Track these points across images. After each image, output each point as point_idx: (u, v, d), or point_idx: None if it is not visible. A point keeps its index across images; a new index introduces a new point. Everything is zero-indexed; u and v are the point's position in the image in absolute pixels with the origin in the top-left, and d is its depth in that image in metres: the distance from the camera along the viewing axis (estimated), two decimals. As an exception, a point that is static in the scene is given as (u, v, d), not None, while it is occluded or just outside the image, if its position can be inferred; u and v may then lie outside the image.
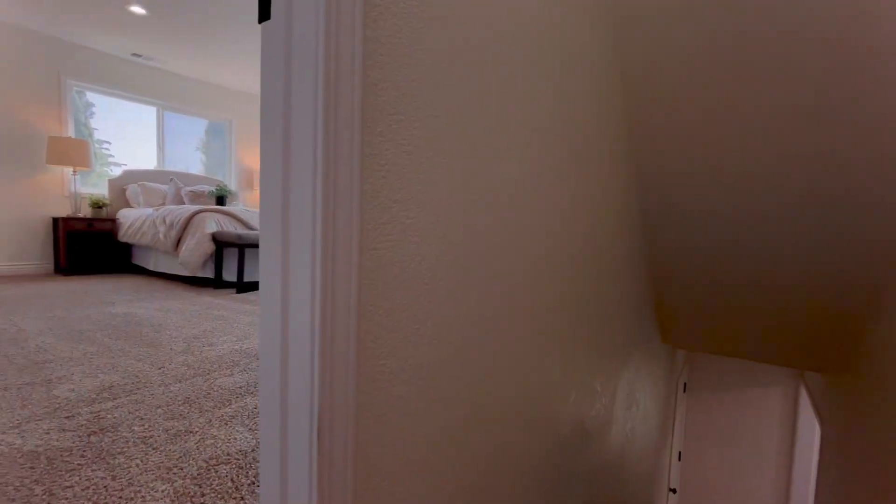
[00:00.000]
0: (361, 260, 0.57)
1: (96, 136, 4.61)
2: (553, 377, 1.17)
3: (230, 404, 1.37)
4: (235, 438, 1.16)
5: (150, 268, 4.16)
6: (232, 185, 5.74)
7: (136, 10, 3.52)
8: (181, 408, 1.33)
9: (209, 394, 1.44)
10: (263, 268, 0.58)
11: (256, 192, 6.04)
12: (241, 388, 1.51)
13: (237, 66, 4.74)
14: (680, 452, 4.18)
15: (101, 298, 3.01)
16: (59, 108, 4.25)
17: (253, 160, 5.95)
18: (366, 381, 0.60)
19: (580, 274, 1.29)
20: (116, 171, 4.77)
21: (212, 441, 1.14)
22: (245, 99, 5.78)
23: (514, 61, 0.84)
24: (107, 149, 4.72)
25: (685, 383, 4.16)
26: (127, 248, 4.47)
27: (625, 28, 1.40)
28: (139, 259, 4.38)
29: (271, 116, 0.53)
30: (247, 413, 1.31)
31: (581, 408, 1.39)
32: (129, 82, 4.69)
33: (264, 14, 0.52)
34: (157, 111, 5.02)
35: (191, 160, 5.45)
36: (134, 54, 4.50)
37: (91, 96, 4.55)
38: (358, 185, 0.53)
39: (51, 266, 4.26)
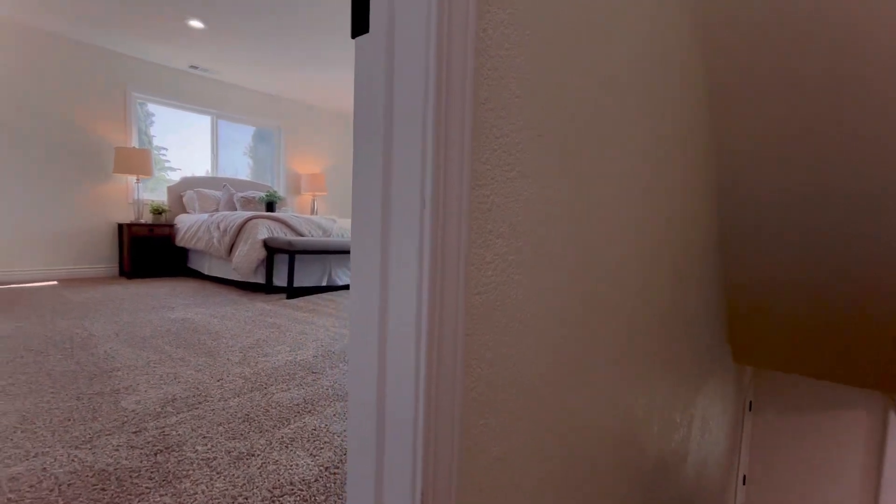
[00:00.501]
0: (468, 305, 0.49)
1: (155, 142, 4.84)
2: (638, 413, 1.06)
3: (289, 423, 1.34)
4: (297, 465, 1.12)
5: (205, 272, 4.31)
6: (280, 189, 5.89)
7: (195, 23, 3.65)
8: (241, 426, 1.31)
9: (268, 411, 1.42)
10: (357, 313, 0.51)
11: (304, 197, 6.17)
12: (298, 405, 1.48)
13: (285, 74, 4.84)
14: (745, 476, 3.88)
15: (162, 303, 3.12)
16: (125, 119, 4.49)
17: (300, 165, 6.09)
18: (469, 439, 0.52)
19: (665, 294, 1.17)
20: (173, 176, 4.99)
21: (274, 467, 1.10)
22: (292, 106, 5.91)
23: (614, 72, 0.74)
24: (164, 154, 4.94)
25: (751, 402, 3.86)
26: (183, 252, 4.66)
27: (715, 29, 1.27)
28: (194, 263, 4.55)
29: (368, 134, 0.46)
30: (306, 435, 1.27)
31: (662, 441, 1.27)
32: (186, 93, 4.90)
33: (360, 27, 0.45)
34: (212, 119, 5.22)
35: (239, 165, 5.63)
36: (192, 66, 4.70)
37: (151, 106, 4.78)
38: (467, 217, 0.46)
39: (116, 269, 4.50)
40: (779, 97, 1.36)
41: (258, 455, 1.16)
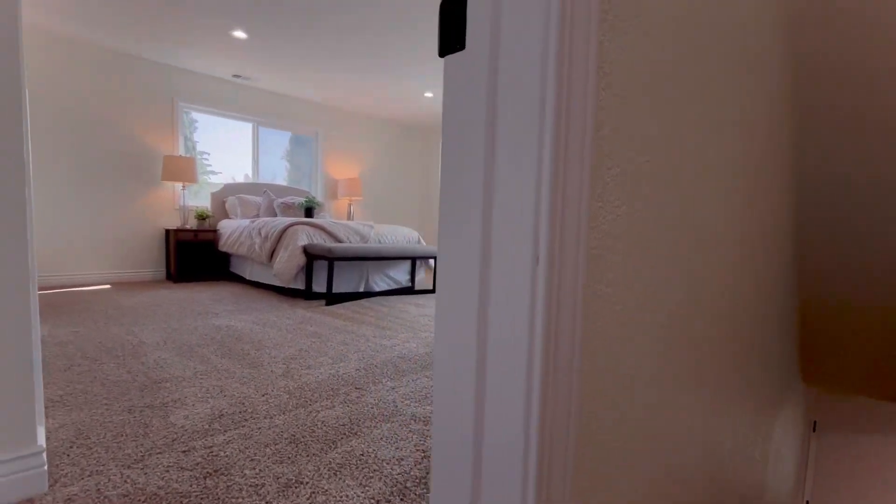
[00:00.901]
0: (584, 364, 0.41)
1: (198, 147, 4.98)
2: (725, 443, 0.95)
3: (336, 447, 1.29)
4: (347, 496, 1.07)
5: (246, 276, 4.40)
6: (317, 194, 5.97)
7: (239, 34, 3.73)
8: (288, 448, 1.28)
9: (313, 431, 1.38)
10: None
11: (340, 201, 6.23)
12: (343, 425, 1.43)
13: (324, 81, 4.89)
14: (808, 501, 3.60)
15: (206, 308, 3.18)
16: (172, 128, 4.64)
17: (336, 170, 6.15)
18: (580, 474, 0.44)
19: (749, 315, 1.05)
20: (214, 179, 5.12)
21: (323, 498, 1.06)
22: (329, 111, 5.98)
23: (714, 82, 0.64)
24: (206, 159, 5.08)
25: (815, 422, 3.58)
26: (226, 257, 4.77)
27: (803, 25, 1.13)
28: (236, 267, 4.65)
29: (462, 159, 0.40)
30: (354, 461, 1.22)
31: (741, 473, 1.14)
32: (229, 101, 5.03)
33: (454, 44, 0.38)
34: (253, 126, 5.34)
35: (277, 169, 5.73)
36: (234, 75, 4.81)
37: (195, 114, 4.93)
38: (584, 271, 0.38)
39: (163, 273, 4.67)
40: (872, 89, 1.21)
41: (307, 483, 1.11)
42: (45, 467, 1.06)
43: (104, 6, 3.33)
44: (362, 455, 1.26)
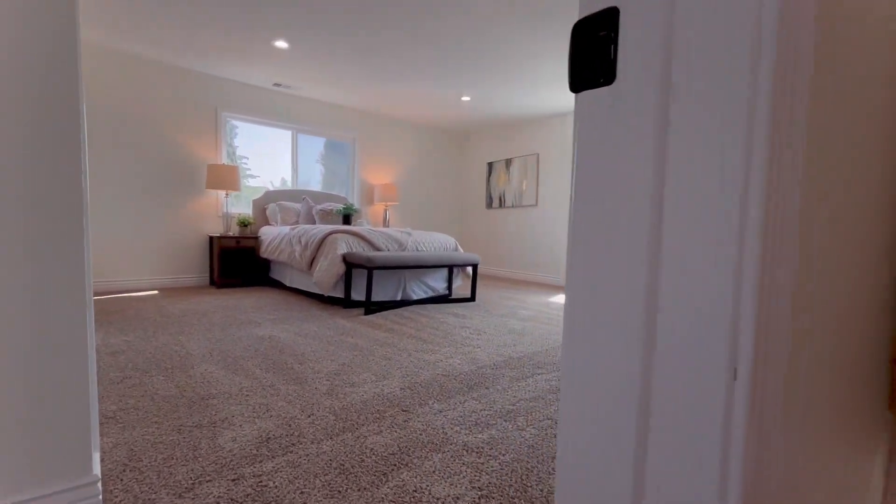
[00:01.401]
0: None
1: (238, 152, 5.09)
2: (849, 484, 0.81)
3: (387, 480, 1.23)
4: (404, 542, 1.00)
5: (286, 283, 4.45)
6: (354, 199, 6.00)
7: (281, 44, 3.77)
8: (338, 479, 1.22)
9: (362, 460, 1.33)
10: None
11: (376, 207, 6.25)
12: (392, 454, 1.37)
13: (362, 88, 4.90)
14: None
15: (248, 317, 3.22)
16: (216, 137, 4.77)
17: (372, 175, 6.16)
18: None
19: (871, 334, 0.91)
20: (252, 183, 5.21)
21: (379, 542, 0.99)
22: (366, 117, 6.00)
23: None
24: (245, 163, 5.18)
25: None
26: (266, 263, 4.85)
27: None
28: (276, 274, 4.72)
29: (610, 220, 0.31)
30: (407, 497, 1.15)
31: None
32: (269, 109, 5.12)
33: (595, 76, 0.30)
34: (293, 134, 5.42)
35: (312, 173, 5.76)
36: (275, 84, 4.89)
37: (236, 121, 5.04)
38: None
39: (207, 279, 4.79)
40: None
41: (360, 523, 1.05)
42: (100, 496, 1.04)
43: (156, 23, 3.43)
44: (415, 492, 1.18)
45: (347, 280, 3.60)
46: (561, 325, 3.26)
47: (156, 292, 4.23)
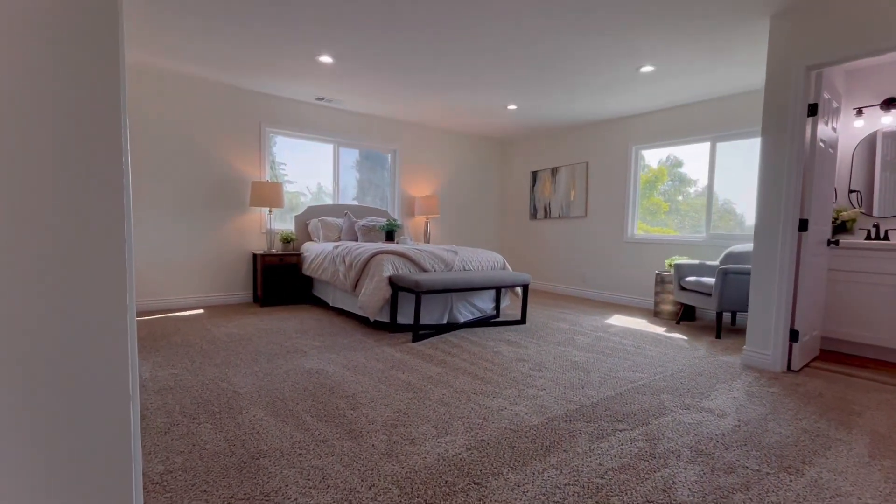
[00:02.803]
0: None
1: (277, 159, 5.01)
2: None
3: None
4: None
5: (329, 302, 4.34)
6: (395, 212, 5.87)
7: (325, 59, 3.66)
8: None
9: (439, 561, 1.12)
10: None
11: (417, 220, 6.09)
12: (474, 552, 1.16)
13: (405, 99, 4.75)
14: None
15: (294, 344, 3.10)
16: (259, 153, 4.73)
17: (413, 187, 6.01)
18: None
19: None
20: (290, 188, 5.13)
21: None
22: (408, 128, 5.86)
23: None
24: (283, 169, 5.11)
25: None
26: (308, 280, 4.77)
27: None
28: (319, 291, 4.63)
29: None
30: None
31: None
32: (311, 123, 5.06)
33: None
34: (334, 148, 5.34)
35: (351, 185, 5.61)
36: (318, 98, 4.82)
37: (278, 136, 5.00)
38: None
39: (250, 296, 4.76)
40: None
41: None
42: None
43: (200, 40, 3.39)
44: None
45: (394, 303, 3.43)
46: (625, 356, 2.96)
47: (201, 311, 4.21)
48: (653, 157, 5.19)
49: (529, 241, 6.59)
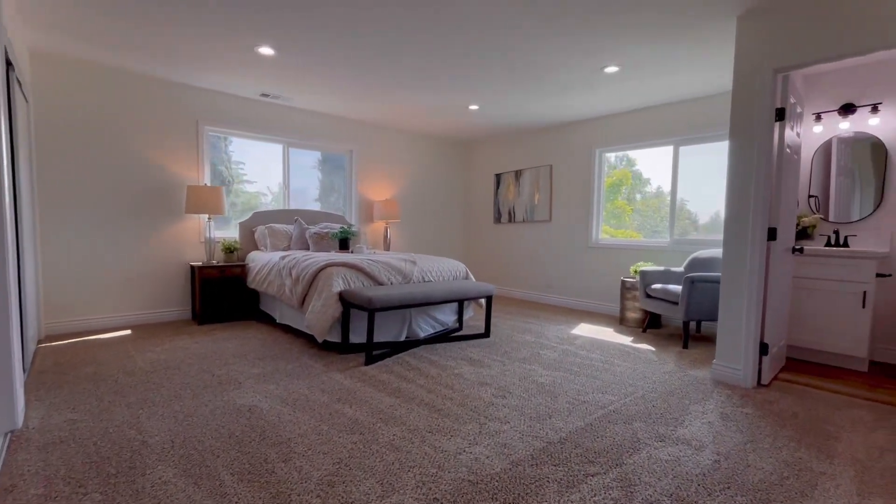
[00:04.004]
0: None
1: (233, 158, 4.61)
2: None
3: None
4: None
5: (277, 318, 3.97)
6: (352, 217, 5.52)
7: (266, 51, 3.30)
8: None
9: None
10: None
11: (376, 225, 5.77)
12: None
13: (359, 96, 4.43)
14: None
15: (229, 372, 2.73)
16: (197, 154, 4.28)
17: (372, 191, 5.68)
18: None
19: None
20: (250, 188, 4.75)
21: None
22: (365, 129, 5.53)
23: None
24: (242, 168, 4.70)
25: None
26: (255, 294, 4.37)
27: None
28: (267, 306, 4.24)
29: None
30: None
31: None
32: (257, 122, 4.65)
33: None
34: (283, 148, 4.94)
35: (307, 188, 5.24)
36: (263, 94, 4.42)
37: (226, 131, 4.57)
38: None
39: (189, 312, 4.30)
40: None
41: None
42: None
43: (114, 25, 2.95)
44: None
45: (345, 321, 3.12)
46: (594, 374, 2.78)
47: (128, 332, 3.74)
48: (612, 157, 5.10)
49: (494, 245, 6.40)
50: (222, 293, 4.13)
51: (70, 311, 3.70)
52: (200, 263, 4.07)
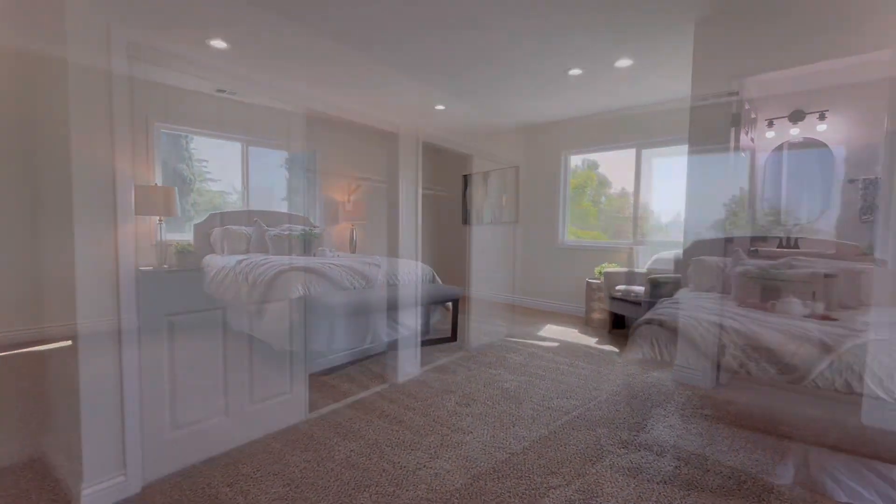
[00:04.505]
0: None
1: (196, 156, 4.40)
2: None
3: None
4: None
5: (233, 326, 3.78)
6: (317, 219, 5.35)
7: (218, 44, 3.13)
8: None
9: None
10: None
11: (342, 226, 5.61)
12: None
13: (320, 93, 4.29)
14: None
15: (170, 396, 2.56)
16: (147, 152, 4.03)
17: (337, 192, 5.53)
18: None
19: None
20: (215, 187, 4.55)
21: None
22: (328, 128, 5.37)
23: None
24: (205, 166, 4.48)
25: None
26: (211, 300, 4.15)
27: None
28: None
29: None
30: None
31: None
32: (214, 119, 4.42)
33: None
34: (242, 147, 4.73)
35: (272, 188, 5.06)
36: (218, 90, 4.20)
37: (176, 133, 4.33)
38: None
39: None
40: None
41: None
42: None
43: (51, 10, 2.72)
44: None
45: (305, 327, 2.98)
46: (558, 378, 2.77)
47: (69, 343, 3.47)
48: (576, 160, 5.15)
49: (463, 247, 6.36)
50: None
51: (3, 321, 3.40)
52: (151, 268, 3.83)
